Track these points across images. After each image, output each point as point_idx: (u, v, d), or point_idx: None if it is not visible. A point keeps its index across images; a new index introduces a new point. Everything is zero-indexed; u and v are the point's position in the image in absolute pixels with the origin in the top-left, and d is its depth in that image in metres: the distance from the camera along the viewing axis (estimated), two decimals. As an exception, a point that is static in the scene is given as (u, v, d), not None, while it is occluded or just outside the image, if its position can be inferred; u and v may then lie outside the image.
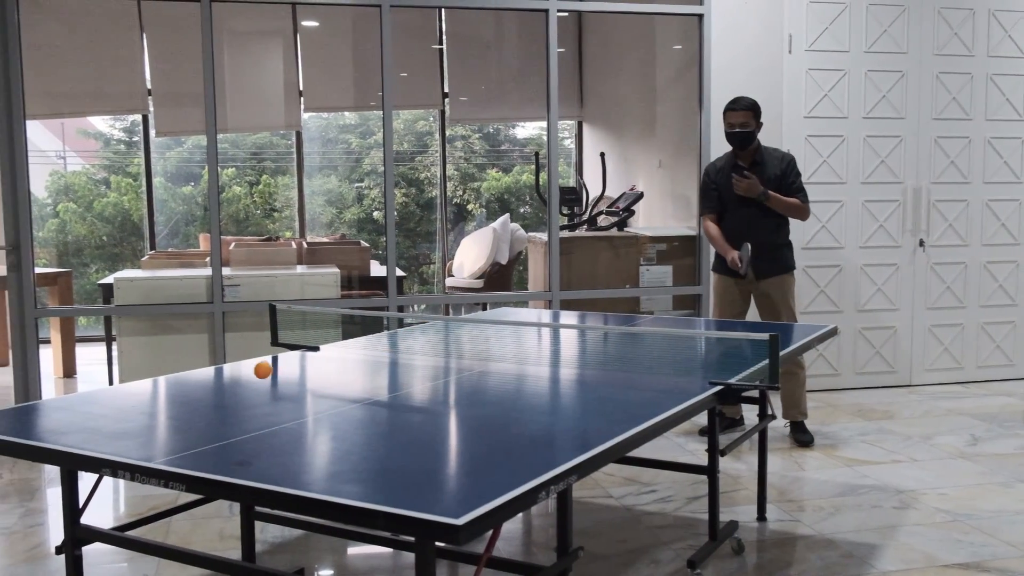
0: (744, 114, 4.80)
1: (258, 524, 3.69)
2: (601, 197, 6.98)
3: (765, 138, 5.00)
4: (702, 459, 3.35)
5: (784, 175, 4.86)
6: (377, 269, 6.55)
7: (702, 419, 4.59)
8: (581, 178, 8.35)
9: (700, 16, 5.77)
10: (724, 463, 4.46)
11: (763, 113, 4.90)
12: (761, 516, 3.83)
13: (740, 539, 3.50)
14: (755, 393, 3.46)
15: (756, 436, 3.79)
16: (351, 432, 2.34)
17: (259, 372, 3.01)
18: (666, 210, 7.06)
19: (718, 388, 2.75)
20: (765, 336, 2.84)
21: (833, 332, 4.01)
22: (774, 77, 5.88)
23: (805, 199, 4.89)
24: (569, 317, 4.57)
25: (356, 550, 3.59)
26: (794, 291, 5.00)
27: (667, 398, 2.63)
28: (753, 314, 5.10)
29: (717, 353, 3.49)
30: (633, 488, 4.24)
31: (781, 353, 2.96)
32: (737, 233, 4.92)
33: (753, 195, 4.79)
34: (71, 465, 2.21)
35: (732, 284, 5.01)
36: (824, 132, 5.96)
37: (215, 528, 3.79)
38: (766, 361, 2.91)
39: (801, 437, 4.93)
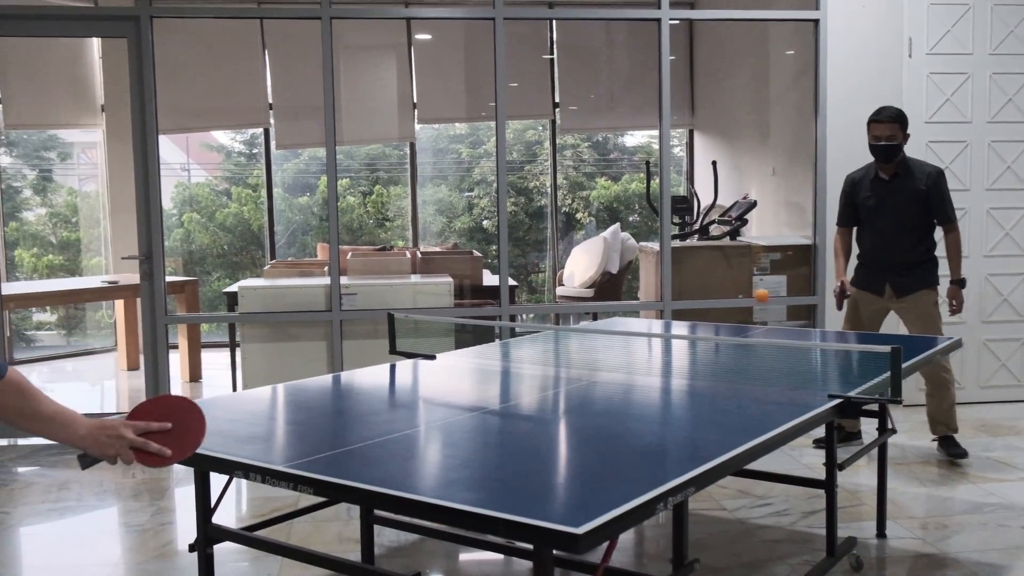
0: (890, 126, 4.63)
1: (375, 528, 3.79)
2: (713, 206, 6.91)
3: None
4: (818, 472, 3.30)
5: (929, 192, 4.66)
6: (489, 278, 6.63)
7: (817, 430, 4.50)
8: (692, 187, 8.28)
9: (816, 21, 5.67)
10: (842, 477, 4.36)
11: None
12: (881, 533, 3.75)
13: (859, 556, 3.42)
14: (874, 406, 3.39)
15: (875, 450, 3.71)
16: (468, 440, 2.39)
17: (760, 297, 3.22)
18: (780, 219, 6.95)
19: (837, 401, 2.71)
20: (886, 348, 2.78)
21: (957, 344, 3.89)
22: (893, 82, 5.74)
23: (951, 219, 4.71)
24: (681, 328, 4.55)
25: (469, 556, 3.65)
26: (938, 309, 4.79)
27: (785, 411, 2.60)
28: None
29: (835, 365, 3.43)
30: (747, 501, 4.19)
31: (904, 365, 2.89)
32: (876, 249, 4.79)
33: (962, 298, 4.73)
34: (205, 467, 2.32)
35: (870, 301, 4.83)
36: (946, 138, 5.77)
37: (334, 531, 3.90)
38: (886, 374, 2.85)
39: (954, 451, 4.74)
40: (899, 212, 4.73)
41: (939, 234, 4.82)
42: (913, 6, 5.72)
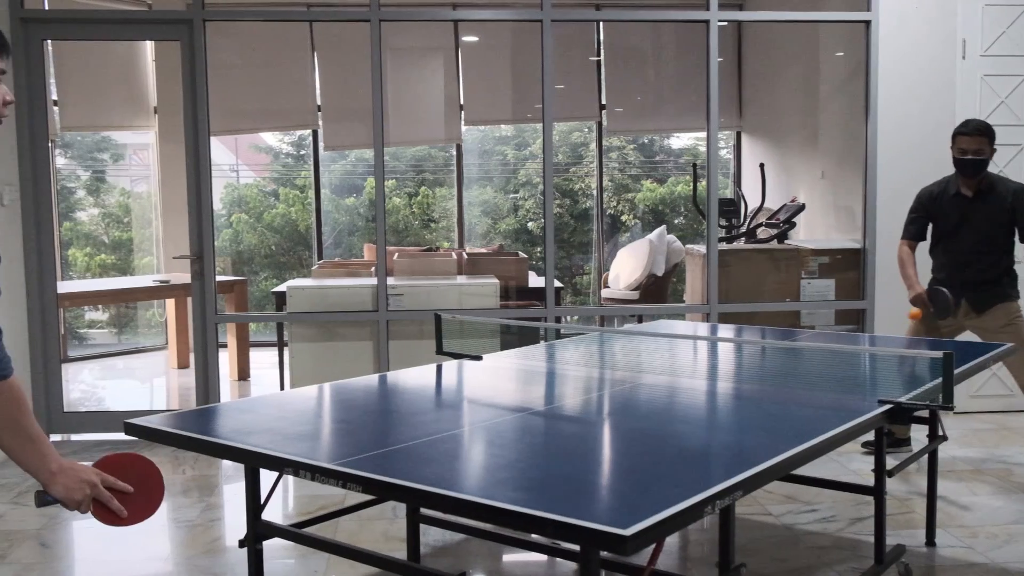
0: (978, 139, 4.45)
1: (420, 527, 3.81)
2: (760, 209, 6.86)
3: (939, 146, 4.73)
4: (866, 478, 3.26)
5: (1015, 209, 4.51)
6: (534, 280, 6.64)
7: (866, 435, 4.44)
8: (739, 189, 8.23)
9: (867, 23, 5.60)
10: (890, 484, 4.30)
11: (935, 122, 4.64)
12: (930, 541, 3.69)
13: (908, 564, 3.38)
14: (924, 412, 3.34)
15: (925, 458, 3.66)
16: (514, 441, 2.40)
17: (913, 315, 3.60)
18: (829, 222, 6.88)
19: (888, 407, 2.68)
20: (938, 354, 2.74)
21: (1011, 351, 3.83)
22: (946, 84, 5.65)
23: None
24: (727, 331, 4.52)
25: (514, 556, 3.65)
26: (1022, 318, 4.60)
27: (834, 415, 2.58)
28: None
29: (885, 370, 3.39)
30: (793, 506, 4.15)
31: (956, 371, 2.85)
32: (955, 266, 4.65)
33: None
34: (257, 463, 2.35)
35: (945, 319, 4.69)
36: (1001, 141, 5.58)
37: (380, 529, 3.93)
38: (938, 380, 2.81)
39: None
40: (983, 231, 4.58)
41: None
42: (967, 7, 5.63)
